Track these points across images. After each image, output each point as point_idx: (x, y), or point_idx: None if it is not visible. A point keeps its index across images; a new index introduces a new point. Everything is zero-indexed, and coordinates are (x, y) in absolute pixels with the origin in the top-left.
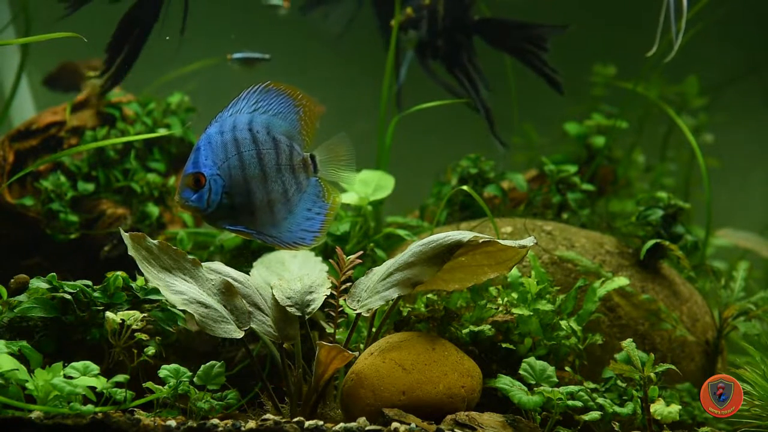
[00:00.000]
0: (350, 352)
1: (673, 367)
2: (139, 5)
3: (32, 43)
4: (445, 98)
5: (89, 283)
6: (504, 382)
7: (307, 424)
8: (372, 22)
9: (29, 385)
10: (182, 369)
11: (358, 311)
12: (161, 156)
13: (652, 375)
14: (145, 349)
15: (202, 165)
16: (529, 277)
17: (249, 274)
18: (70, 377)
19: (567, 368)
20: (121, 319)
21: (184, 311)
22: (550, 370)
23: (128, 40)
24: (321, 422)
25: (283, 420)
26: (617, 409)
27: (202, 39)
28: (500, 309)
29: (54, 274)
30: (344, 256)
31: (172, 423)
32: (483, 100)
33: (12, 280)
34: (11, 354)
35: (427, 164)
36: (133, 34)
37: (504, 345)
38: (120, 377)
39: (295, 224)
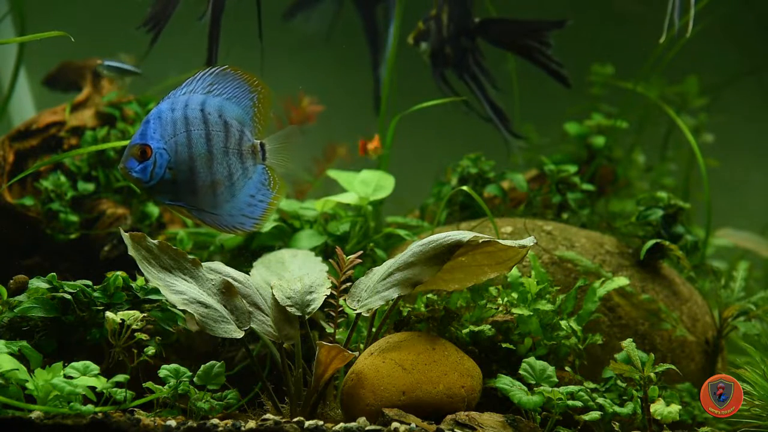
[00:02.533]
0: (350, 352)
1: (673, 367)
2: (213, 18)
3: (31, 42)
4: (444, 98)
5: (89, 283)
6: (504, 382)
7: (307, 424)
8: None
9: (29, 385)
10: (182, 369)
11: (358, 311)
12: None
13: (652, 375)
14: (145, 349)
15: (150, 137)
16: (529, 277)
17: (249, 274)
18: (70, 377)
19: (567, 368)
20: (121, 319)
21: (184, 311)
22: (550, 370)
23: (216, 49)
24: (321, 422)
25: (283, 420)
26: (617, 409)
27: (202, 40)
28: (500, 309)
29: (54, 274)
30: (344, 256)
31: (172, 423)
32: (492, 102)
33: (12, 280)
34: (11, 354)
35: (427, 164)
36: (215, 42)
37: (504, 345)
38: (120, 377)
39: (237, 209)
